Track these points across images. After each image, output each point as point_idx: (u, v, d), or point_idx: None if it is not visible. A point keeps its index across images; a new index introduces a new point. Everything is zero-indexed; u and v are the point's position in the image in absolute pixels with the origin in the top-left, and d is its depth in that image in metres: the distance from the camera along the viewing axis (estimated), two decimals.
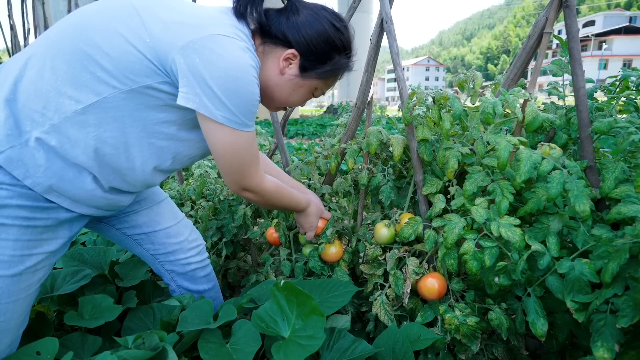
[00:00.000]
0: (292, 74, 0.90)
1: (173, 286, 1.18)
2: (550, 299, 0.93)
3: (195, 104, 0.76)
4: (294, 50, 0.88)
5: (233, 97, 0.77)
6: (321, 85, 0.96)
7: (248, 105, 0.80)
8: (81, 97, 0.75)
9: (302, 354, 0.75)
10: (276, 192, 1.02)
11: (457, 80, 1.13)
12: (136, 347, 0.79)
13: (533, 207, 0.92)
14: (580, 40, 2.85)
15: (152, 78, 0.76)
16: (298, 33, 0.87)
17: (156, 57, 0.75)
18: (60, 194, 0.80)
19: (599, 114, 0.99)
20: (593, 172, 0.95)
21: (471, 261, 0.92)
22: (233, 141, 0.83)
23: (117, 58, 0.74)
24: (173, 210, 1.17)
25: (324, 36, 0.88)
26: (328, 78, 0.94)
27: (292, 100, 0.97)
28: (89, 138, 0.77)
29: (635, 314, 0.67)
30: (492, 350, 1.09)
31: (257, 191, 0.96)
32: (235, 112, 0.79)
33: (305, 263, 1.30)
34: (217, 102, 0.77)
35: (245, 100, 0.79)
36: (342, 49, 0.92)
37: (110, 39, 0.74)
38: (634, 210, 0.74)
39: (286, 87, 0.92)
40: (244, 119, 0.82)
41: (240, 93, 0.78)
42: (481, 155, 1.00)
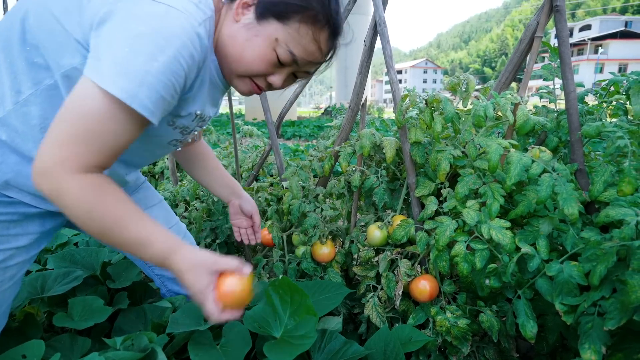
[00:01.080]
0: (247, 18, 0.73)
1: (163, 290, 1.17)
2: (541, 301, 0.93)
3: (89, 67, 0.61)
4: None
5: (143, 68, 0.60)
6: (284, 37, 0.73)
7: (160, 88, 0.62)
8: (21, 87, 0.69)
9: (294, 353, 0.75)
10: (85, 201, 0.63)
11: (450, 83, 1.14)
12: (125, 348, 0.78)
13: (523, 209, 0.93)
14: (577, 45, 2.86)
15: (76, 58, 0.66)
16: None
17: (81, 32, 0.65)
18: (20, 189, 0.75)
19: (590, 118, 1.00)
20: (583, 176, 0.96)
21: (462, 263, 0.93)
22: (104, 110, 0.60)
23: (46, 39, 0.67)
24: (165, 215, 1.14)
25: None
26: (289, 21, 0.72)
27: (247, 56, 0.74)
28: (35, 131, 0.71)
29: (622, 317, 0.67)
30: (483, 352, 1.10)
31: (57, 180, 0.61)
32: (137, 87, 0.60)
33: (298, 264, 1.30)
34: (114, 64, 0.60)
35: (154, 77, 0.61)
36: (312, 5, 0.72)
37: (42, 19, 0.67)
38: (622, 214, 0.74)
39: (239, 37, 0.74)
40: (148, 102, 0.62)
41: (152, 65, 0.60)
42: (473, 158, 1.01)
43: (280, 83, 0.81)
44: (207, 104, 0.83)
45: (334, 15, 0.75)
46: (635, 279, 0.65)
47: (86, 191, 0.62)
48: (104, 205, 0.64)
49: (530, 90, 2.57)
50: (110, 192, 0.65)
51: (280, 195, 1.51)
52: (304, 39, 0.74)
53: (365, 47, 1.20)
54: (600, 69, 44.27)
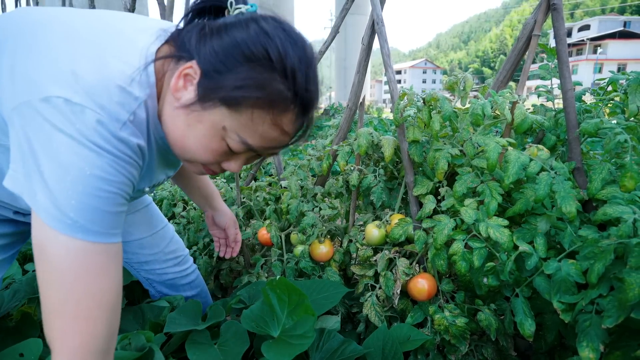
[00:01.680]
0: (188, 99, 0.58)
1: (153, 291, 1.16)
2: (539, 299, 0.93)
3: (19, 187, 0.53)
4: (194, 63, 0.57)
5: (68, 190, 0.51)
6: (234, 125, 0.58)
7: (91, 203, 0.53)
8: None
9: (292, 352, 0.75)
10: None
11: (448, 82, 1.14)
12: (122, 347, 0.78)
13: (521, 208, 0.93)
14: (576, 45, 2.85)
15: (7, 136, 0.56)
16: (204, 38, 0.57)
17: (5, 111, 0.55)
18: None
19: (587, 116, 1.00)
20: (581, 174, 0.96)
21: (460, 262, 0.92)
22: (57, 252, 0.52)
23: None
24: (150, 220, 1.09)
25: (242, 41, 0.55)
26: (239, 107, 0.56)
27: (190, 145, 0.61)
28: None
29: (620, 315, 0.67)
30: (481, 351, 1.09)
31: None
32: (66, 211, 0.52)
33: (296, 263, 1.29)
34: (45, 192, 0.51)
35: (86, 196, 0.52)
36: (266, 62, 0.55)
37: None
38: (619, 211, 0.74)
39: (179, 121, 0.60)
40: (86, 223, 0.53)
41: (78, 187, 0.51)
42: (471, 156, 1.01)
43: (237, 168, 0.68)
44: (158, 174, 0.76)
45: (302, 90, 0.59)
46: (632, 276, 0.65)
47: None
48: None
49: (530, 90, 2.59)
50: None
51: (278, 194, 1.51)
52: (260, 126, 0.58)
53: (363, 46, 1.20)
54: (599, 68, 44.31)
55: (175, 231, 1.24)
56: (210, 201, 1.15)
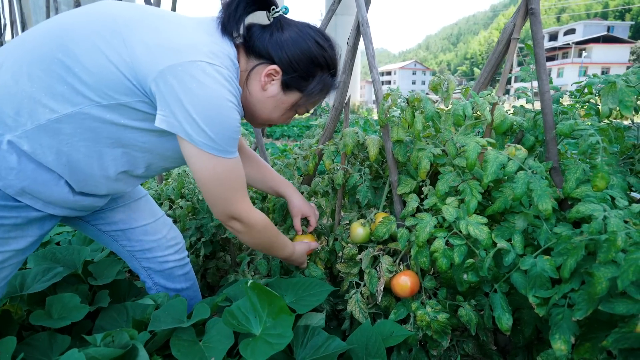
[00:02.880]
0: (275, 90, 0.89)
1: (150, 283, 1.17)
2: (517, 295, 0.96)
3: (175, 128, 0.77)
4: (276, 67, 0.87)
5: (213, 124, 0.77)
6: (304, 102, 0.94)
7: (228, 132, 0.80)
8: (57, 107, 0.75)
9: (269, 352, 0.76)
10: (264, 227, 0.98)
11: (432, 83, 1.16)
12: (105, 345, 0.78)
13: (500, 206, 0.95)
14: (562, 48, 2.90)
15: (130, 97, 0.77)
16: (281, 50, 0.86)
17: (135, 77, 0.75)
18: (33, 196, 0.80)
19: (564, 117, 1.04)
20: (557, 173, 0.99)
21: (441, 259, 0.95)
22: (214, 167, 0.82)
23: (96, 73, 0.74)
24: (152, 208, 1.17)
25: (307, 53, 0.87)
26: (311, 95, 0.92)
27: (274, 118, 0.95)
28: (62, 145, 0.78)
29: (589, 307, 0.70)
30: (463, 346, 1.12)
31: (245, 221, 0.92)
32: (215, 139, 0.78)
33: (282, 261, 1.30)
34: (197, 129, 0.77)
35: (225, 128, 0.79)
36: (325, 66, 0.91)
37: (91, 54, 0.74)
38: (591, 209, 0.77)
39: (268, 104, 0.91)
40: (225, 146, 0.81)
41: (221, 121, 0.78)
42: (452, 156, 1.03)
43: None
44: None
45: (338, 76, 0.97)
46: (601, 271, 0.67)
47: (264, 218, 0.98)
48: (270, 225, 1.00)
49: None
50: (266, 218, 0.99)
51: (265, 193, 1.52)
52: (320, 98, 0.96)
53: (349, 47, 1.22)
54: (584, 72, 45.24)
55: None
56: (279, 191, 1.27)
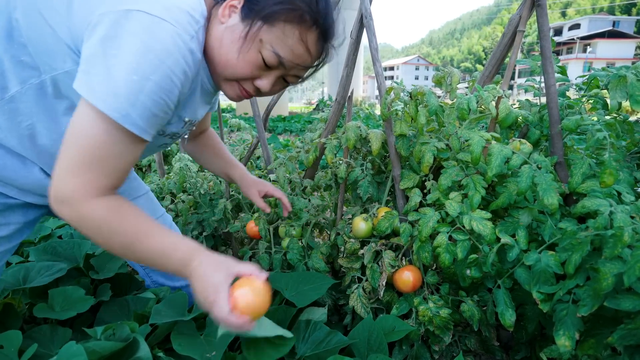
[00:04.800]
0: (232, 20, 0.71)
1: (148, 281, 1.17)
2: (521, 291, 0.95)
3: (80, 82, 0.61)
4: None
5: (136, 87, 0.60)
6: (269, 38, 0.71)
7: (147, 101, 0.62)
8: (8, 84, 0.68)
9: (273, 355, 0.76)
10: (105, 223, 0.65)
11: (435, 77, 1.15)
12: (106, 338, 0.78)
13: (504, 201, 0.94)
14: (566, 43, 2.88)
15: (67, 64, 0.67)
16: None
17: (72, 39, 0.65)
18: (6, 182, 0.76)
19: (570, 112, 1.02)
20: (562, 168, 0.98)
21: (444, 254, 0.94)
22: (107, 136, 0.62)
23: (36, 41, 0.66)
24: (151, 207, 1.14)
25: None
26: (272, 21, 0.70)
27: (231, 59, 0.72)
28: (22, 128, 0.71)
29: (595, 303, 0.69)
30: (465, 341, 1.12)
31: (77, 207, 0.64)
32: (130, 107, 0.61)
33: (284, 255, 1.30)
34: (107, 82, 0.60)
35: (145, 94, 0.61)
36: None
37: (31, 18, 0.66)
38: (597, 204, 0.76)
39: (224, 40, 0.71)
40: (140, 121, 0.63)
41: (143, 85, 0.60)
42: (456, 150, 1.02)
43: (268, 87, 0.78)
44: (197, 108, 0.82)
45: (323, 15, 0.73)
46: (607, 266, 0.67)
47: (107, 213, 0.65)
48: (126, 223, 0.67)
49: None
50: (129, 211, 0.68)
51: None
52: (290, 39, 0.71)
53: (352, 40, 1.20)
54: (588, 67, 44.78)
55: None
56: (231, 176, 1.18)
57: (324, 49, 0.77)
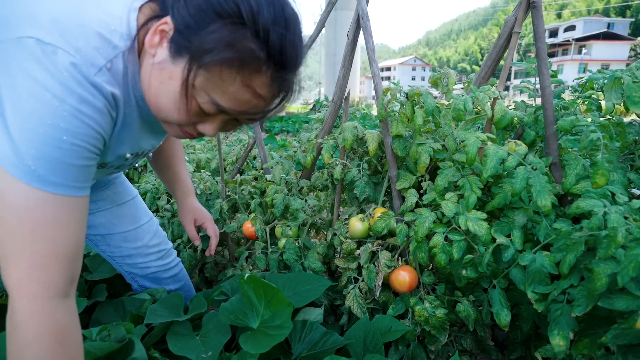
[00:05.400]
0: (162, 55, 0.57)
1: (135, 285, 1.15)
2: (516, 291, 0.96)
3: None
4: (169, 18, 0.56)
5: (33, 138, 0.50)
6: (206, 86, 0.56)
7: (57, 154, 0.51)
8: None
9: (270, 343, 0.76)
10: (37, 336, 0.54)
11: (432, 77, 1.15)
12: (101, 339, 0.78)
13: (500, 202, 0.95)
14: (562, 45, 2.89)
15: None
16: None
17: None
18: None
19: (565, 113, 1.03)
20: (557, 169, 0.98)
21: (440, 254, 0.94)
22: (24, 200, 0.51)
23: None
24: (136, 213, 1.09)
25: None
26: (209, 68, 0.54)
27: (162, 103, 0.60)
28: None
29: (589, 303, 0.70)
30: (461, 341, 1.12)
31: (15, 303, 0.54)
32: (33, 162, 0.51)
33: (280, 255, 1.30)
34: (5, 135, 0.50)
35: (52, 147, 0.51)
36: (237, 20, 0.52)
37: None
38: (591, 205, 0.77)
39: (153, 78, 0.59)
40: (52, 177, 0.52)
41: (45, 137, 0.50)
42: (452, 151, 1.02)
43: (213, 132, 0.64)
44: (140, 140, 0.73)
45: (276, 52, 0.55)
46: (600, 267, 0.67)
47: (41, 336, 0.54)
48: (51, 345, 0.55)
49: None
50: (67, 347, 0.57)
51: (263, 188, 1.51)
52: (230, 87, 0.56)
53: (348, 40, 1.20)
54: (584, 69, 45.23)
55: (160, 224, 1.23)
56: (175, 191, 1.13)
57: (281, 87, 0.60)
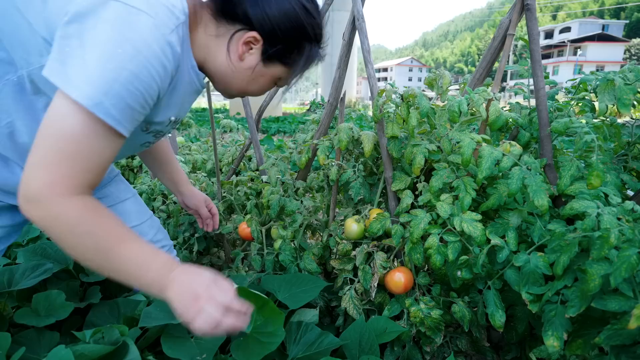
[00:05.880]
0: (253, 61, 0.76)
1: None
2: (511, 292, 0.96)
3: (52, 71, 0.59)
4: (256, 34, 0.73)
5: (111, 76, 0.58)
6: (286, 75, 0.82)
7: (126, 95, 0.60)
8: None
9: (261, 352, 0.76)
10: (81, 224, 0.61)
11: (427, 79, 1.16)
12: (95, 341, 0.77)
13: (494, 202, 0.95)
14: (557, 46, 2.91)
15: (44, 57, 0.63)
16: (262, 12, 0.72)
17: (47, 29, 0.64)
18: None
19: (559, 114, 1.03)
20: (552, 170, 0.99)
21: (435, 255, 0.94)
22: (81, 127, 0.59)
23: (11, 35, 0.65)
24: (139, 210, 1.12)
25: (293, 20, 0.73)
26: (295, 69, 0.81)
27: (251, 89, 0.83)
28: (1, 126, 0.70)
29: (582, 304, 0.70)
30: (456, 342, 1.12)
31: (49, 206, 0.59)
32: (103, 95, 0.58)
33: (276, 256, 1.30)
34: (80, 70, 0.58)
35: (124, 87, 0.59)
36: (312, 36, 0.78)
37: (6, 13, 0.65)
38: (585, 206, 0.77)
39: (245, 75, 0.79)
40: (114, 111, 0.60)
41: (121, 76, 0.59)
42: (447, 152, 1.03)
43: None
44: (184, 105, 0.82)
45: (322, 47, 0.83)
46: (594, 268, 0.67)
47: (83, 213, 0.60)
48: (104, 226, 0.62)
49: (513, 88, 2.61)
50: (107, 213, 0.64)
51: (259, 189, 1.51)
52: (304, 71, 0.82)
53: (344, 41, 1.20)
54: (579, 70, 45.52)
55: None
56: (178, 186, 1.23)
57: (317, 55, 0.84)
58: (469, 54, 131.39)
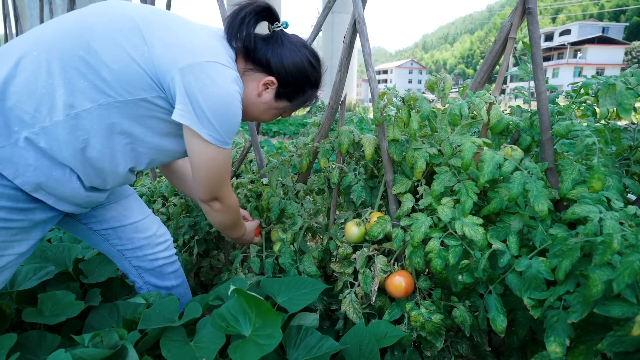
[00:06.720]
0: (268, 98, 1.00)
1: (140, 283, 1.16)
2: (512, 296, 0.96)
3: (188, 120, 0.83)
4: (273, 78, 0.97)
5: (220, 119, 0.85)
6: (290, 109, 1.07)
7: (232, 127, 0.89)
8: (75, 103, 0.78)
9: (258, 354, 0.75)
10: (236, 209, 1.10)
11: (428, 82, 1.15)
12: (94, 345, 0.77)
13: (496, 206, 0.95)
14: (557, 49, 2.90)
15: (148, 92, 0.83)
16: (280, 63, 0.96)
17: (155, 74, 0.82)
18: (47, 192, 0.82)
19: (560, 118, 1.03)
20: (553, 174, 0.99)
21: (436, 259, 0.94)
22: (214, 156, 0.91)
23: (118, 71, 0.79)
24: (141, 205, 1.17)
25: (302, 72, 0.99)
26: (297, 106, 1.07)
27: (263, 118, 1.08)
28: (78, 142, 0.81)
29: (584, 310, 0.70)
30: (457, 347, 1.12)
31: (226, 202, 1.03)
32: (220, 132, 0.87)
33: (276, 259, 1.29)
34: (206, 122, 0.85)
35: (230, 123, 0.88)
36: (314, 84, 1.04)
37: (112, 51, 0.79)
38: (587, 211, 0.77)
39: (260, 108, 1.03)
40: (226, 138, 0.90)
41: (227, 117, 0.87)
42: (448, 155, 1.02)
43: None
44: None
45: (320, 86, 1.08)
46: (596, 273, 0.67)
47: (235, 202, 1.08)
48: (238, 209, 1.12)
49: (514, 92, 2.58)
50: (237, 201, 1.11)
51: (259, 191, 1.51)
52: (302, 107, 1.10)
53: (345, 44, 1.20)
54: (579, 72, 45.54)
55: None
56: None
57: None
58: (469, 56, 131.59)
